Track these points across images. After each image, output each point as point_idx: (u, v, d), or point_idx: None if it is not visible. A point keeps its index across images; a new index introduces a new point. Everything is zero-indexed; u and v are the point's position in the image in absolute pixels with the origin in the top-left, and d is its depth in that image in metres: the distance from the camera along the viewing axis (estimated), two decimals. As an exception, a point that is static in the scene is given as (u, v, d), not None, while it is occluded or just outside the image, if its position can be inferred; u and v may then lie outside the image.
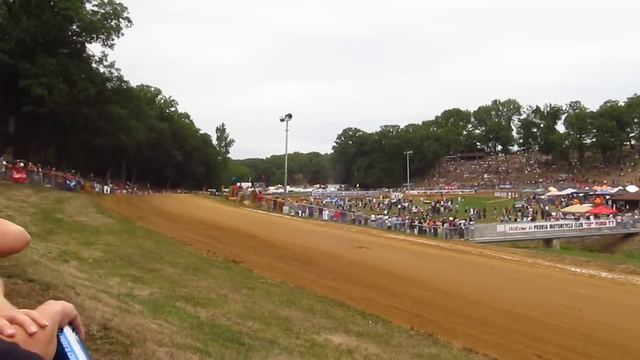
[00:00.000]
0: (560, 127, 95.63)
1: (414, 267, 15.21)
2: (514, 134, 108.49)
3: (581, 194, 60.31)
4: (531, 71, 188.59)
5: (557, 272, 16.65)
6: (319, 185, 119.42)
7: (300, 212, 41.58)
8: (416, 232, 34.99)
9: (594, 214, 42.09)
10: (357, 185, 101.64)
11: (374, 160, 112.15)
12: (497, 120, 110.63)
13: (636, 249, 34.30)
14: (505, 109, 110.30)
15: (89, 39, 41.61)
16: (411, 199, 68.56)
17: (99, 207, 21.50)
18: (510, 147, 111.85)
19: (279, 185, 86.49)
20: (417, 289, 11.13)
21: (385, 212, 52.18)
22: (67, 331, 0.72)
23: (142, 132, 53.65)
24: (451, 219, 41.88)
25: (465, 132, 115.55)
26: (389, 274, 13.00)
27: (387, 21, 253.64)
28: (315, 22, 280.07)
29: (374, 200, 70.23)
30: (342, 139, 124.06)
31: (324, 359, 4.73)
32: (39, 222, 12.96)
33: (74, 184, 33.83)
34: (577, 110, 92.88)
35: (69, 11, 37.02)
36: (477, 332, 7.60)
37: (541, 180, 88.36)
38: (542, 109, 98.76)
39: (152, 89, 76.51)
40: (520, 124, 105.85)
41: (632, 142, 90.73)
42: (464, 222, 39.17)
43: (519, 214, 49.57)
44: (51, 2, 37.57)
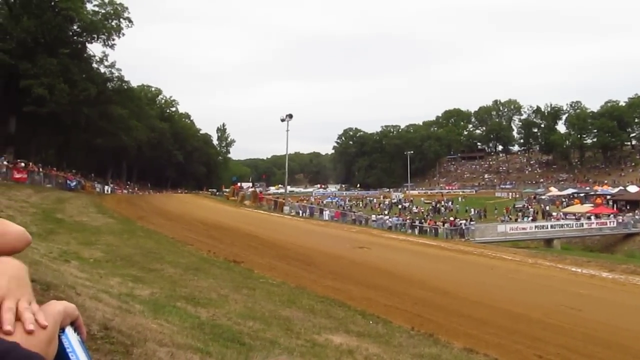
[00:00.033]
0: (561, 127, 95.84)
1: (414, 267, 15.20)
2: (515, 134, 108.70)
3: (582, 194, 60.27)
4: (532, 71, 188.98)
5: (558, 272, 16.63)
6: (319, 185, 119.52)
7: (300, 212, 41.58)
8: (417, 232, 35.01)
9: (595, 214, 42.06)
10: (357, 185, 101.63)
11: (375, 160, 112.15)
12: (497, 120, 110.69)
13: (637, 249, 34.28)
14: (505, 109, 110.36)
15: (89, 39, 41.64)
16: (412, 199, 68.54)
17: (99, 207, 21.50)
18: (510, 147, 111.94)
19: (280, 185, 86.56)
20: (417, 289, 11.12)
21: (385, 212, 52.17)
22: (69, 331, 0.72)
23: (142, 132, 53.67)
24: (452, 219, 41.88)
25: (465, 132, 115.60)
26: (389, 274, 12.98)
27: (387, 21, 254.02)
28: (315, 22, 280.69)
29: (374, 200, 70.18)
30: (343, 139, 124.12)
31: (324, 359, 4.73)
32: (40, 222, 12.97)
33: (74, 184, 33.81)
34: (578, 110, 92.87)
35: (69, 11, 37.04)
36: (478, 332, 7.60)
37: (542, 180, 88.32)
38: (543, 109, 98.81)
39: (153, 89, 76.66)
40: (520, 124, 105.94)
41: (633, 142, 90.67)
42: (464, 222, 39.18)
43: (520, 214, 49.55)
44: (52, 2, 37.58)
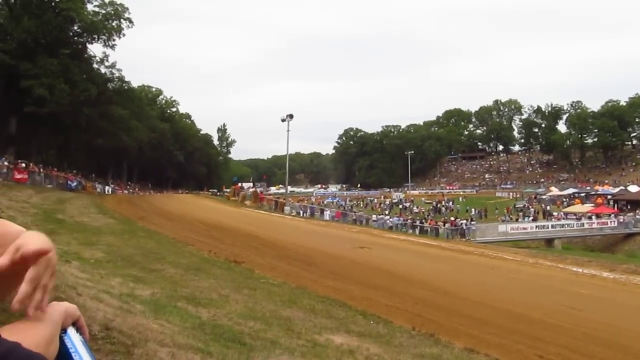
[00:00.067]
0: (561, 127, 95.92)
1: (415, 267, 15.19)
2: (515, 134, 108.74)
3: (583, 194, 60.26)
4: (532, 71, 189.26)
5: (559, 272, 16.62)
6: (320, 185, 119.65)
7: (301, 212, 41.59)
8: (417, 232, 35.02)
9: (596, 214, 42.07)
10: (358, 185, 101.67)
11: (375, 160, 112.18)
12: (498, 120, 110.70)
13: (638, 249, 34.25)
14: (506, 109, 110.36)
15: (90, 40, 41.69)
16: (412, 199, 68.58)
17: (100, 207, 21.49)
18: (511, 147, 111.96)
19: (280, 185, 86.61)
20: (418, 289, 11.10)
21: (386, 212, 52.19)
22: (71, 332, 0.72)
23: (143, 133, 53.73)
24: (452, 219, 41.90)
25: (466, 132, 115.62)
26: (390, 274, 12.97)
27: (387, 21, 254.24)
28: (315, 22, 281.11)
29: (375, 200, 70.23)
30: (344, 139, 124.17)
31: (325, 359, 4.72)
32: (41, 223, 12.96)
33: (75, 184, 33.82)
34: (579, 110, 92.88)
35: (70, 12, 37.09)
36: (479, 332, 7.59)
37: (542, 180, 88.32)
38: (544, 109, 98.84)
39: (154, 89, 76.76)
40: (521, 124, 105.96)
41: (634, 141, 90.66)
42: (465, 222, 39.20)
43: (521, 214, 49.57)
44: (52, 2, 37.64)
